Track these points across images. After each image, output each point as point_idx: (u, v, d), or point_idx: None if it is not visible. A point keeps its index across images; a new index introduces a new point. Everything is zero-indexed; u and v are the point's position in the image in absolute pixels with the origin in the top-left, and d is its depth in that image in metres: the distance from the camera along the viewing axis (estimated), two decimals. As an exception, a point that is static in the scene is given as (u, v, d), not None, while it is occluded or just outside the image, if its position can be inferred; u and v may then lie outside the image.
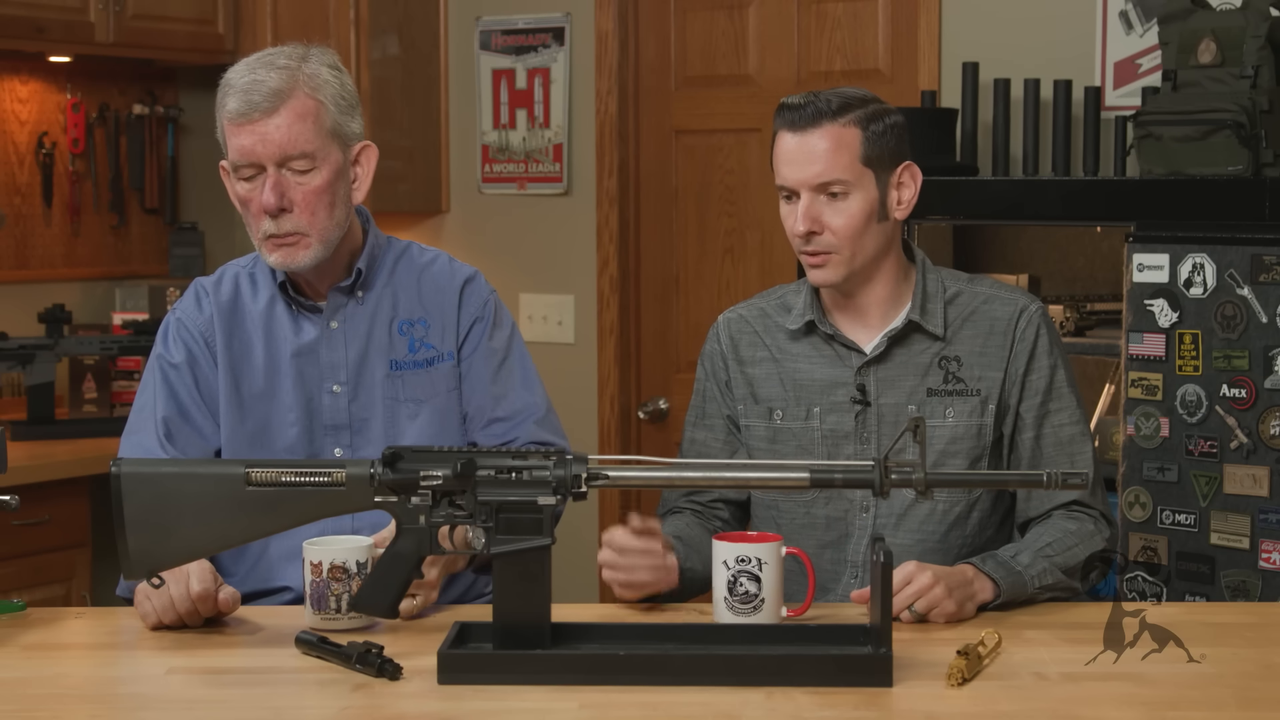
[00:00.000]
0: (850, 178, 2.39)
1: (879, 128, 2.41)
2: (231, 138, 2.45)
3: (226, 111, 2.45)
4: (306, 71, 2.46)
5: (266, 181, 2.43)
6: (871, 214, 2.41)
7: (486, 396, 2.59)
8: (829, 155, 2.38)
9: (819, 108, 2.39)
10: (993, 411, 2.45)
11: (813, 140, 2.38)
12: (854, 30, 4.14)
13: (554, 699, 1.91)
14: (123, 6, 4.27)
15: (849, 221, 2.40)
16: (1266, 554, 2.97)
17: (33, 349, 4.12)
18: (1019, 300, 2.50)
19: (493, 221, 4.66)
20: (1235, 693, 1.93)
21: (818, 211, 2.40)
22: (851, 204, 2.39)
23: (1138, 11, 3.66)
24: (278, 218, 2.43)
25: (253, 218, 2.47)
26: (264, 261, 2.57)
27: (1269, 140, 3.14)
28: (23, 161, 4.55)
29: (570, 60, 4.51)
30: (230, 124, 2.45)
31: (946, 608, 2.20)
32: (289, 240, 2.45)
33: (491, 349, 2.60)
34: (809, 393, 2.50)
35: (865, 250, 2.42)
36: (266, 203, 2.42)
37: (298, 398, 2.52)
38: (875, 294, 2.48)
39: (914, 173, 2.46)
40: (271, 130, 2.42)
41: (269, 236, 2.45)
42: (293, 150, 2.42)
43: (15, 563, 3.86)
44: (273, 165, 2.43)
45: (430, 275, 2.61)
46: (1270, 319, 2.96)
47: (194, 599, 2.20)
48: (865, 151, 2.39)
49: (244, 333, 2.55)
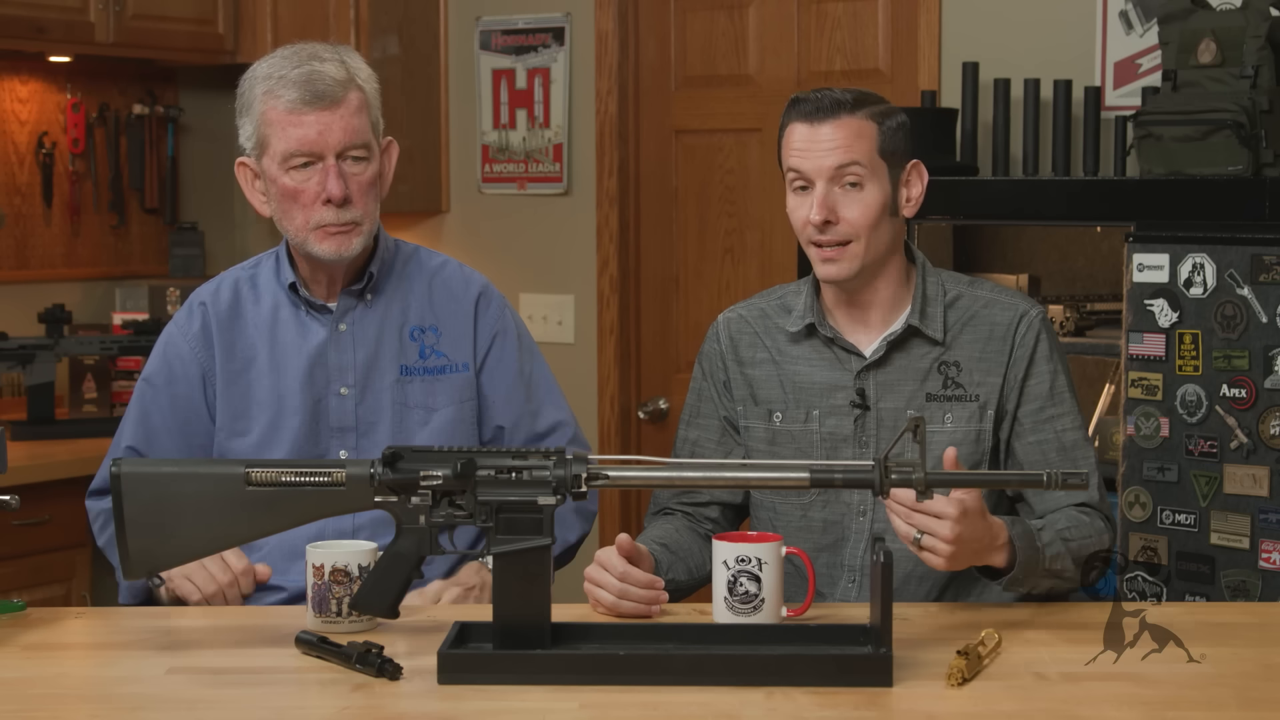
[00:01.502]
0: (868, 166, 2.39)
1: (892, 124, 2.42)
2: (289, 128, 2.44)
3: (284, 103, 2.43)
4: (353, 65, 2.50)
5: (329, 171, 2.44)
6: (885, 207, 2.41)
7: (524, 413, 2.62)
8: (848, 143, 2.38)
9: (837, 99, 2.40)
10: (991, 417, 2.45)
11: (831, 130, 2.39)
12: (854, 30, 4.13)
13: (554, 699, 1.91)
14: (123, 6, 4.27)
15: (865, 211, 2.39)
16: (1266, 554, 2.97)
17: (33, 349, 4.12)
18: (1019, 305, 2.49)
19: (493, 221, 4.66)
20: (1235, 693, 1.93)
21: (834, 201, 2.39)
22: (868, 194, 2.40)
23: (1138, 11, 3.66)
24: (341, 207, 2.45)
25: (301, 208, 2.46)
26: (267, 262, 2.58)
27: (1269, 140, 3.14)
28: (23, 161, 4.55)
29: (570, 60, 4.51)
30: (288, 114, 2.43)
31: (935, 562, 2.16)
32: (345, 229, 2.46)
33: (518, 365, 2.62)
34: (808, 395, 2.50)
35: (878, 244, 2.42)
36: (334, 193, 2.44)
37: (304, 400, 2.53)
38: (879, 295, 2.48)
39: (921, 171, 2.47)
40: (337, 120, 2.44)
41: (322, 226, 2.46)
42: (356, 140, 2.45)
43: (15, 563, 3.86)
44: (333, 155, 2.44)
45: (442, 282, 2.61)
46: (1270, 319, 2.96)
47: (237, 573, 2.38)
48: (881, 144, 2.40)
49: (247, 339, 2.56)
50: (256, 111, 2.47)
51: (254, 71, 2.49)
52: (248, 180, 2.53)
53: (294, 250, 2.55)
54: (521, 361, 2.63)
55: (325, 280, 2.55)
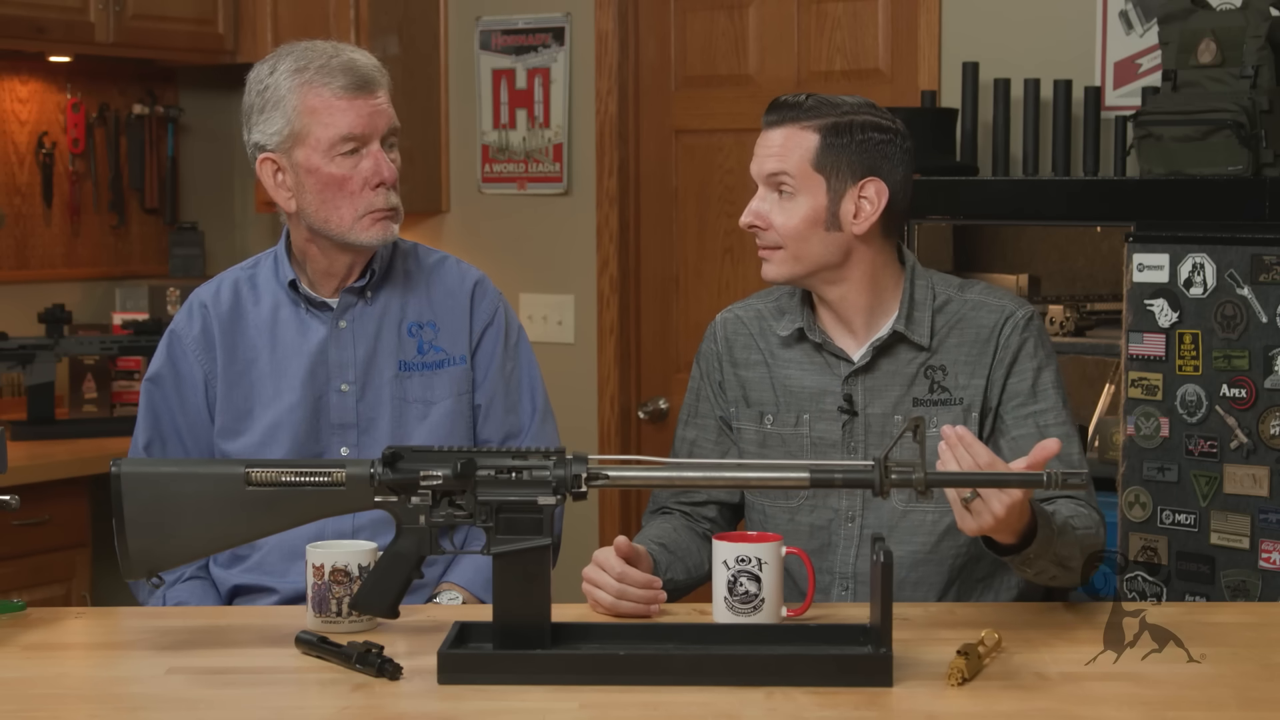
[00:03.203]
0: (797, 177, 2.40)
1: (844, 139, 2.39)
2: (337, 114, 2.46)
3: (332, 90, 2.46)
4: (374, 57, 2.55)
5: (378, 156, 2.48)
6: (817, 220, 2.40)
7: (499, 407, 2.62)
8: (783, 152, 2.40)
9: (791, 105, 2.42)
10: (975, 420, 2.44)
11: (773, 136, 2.42)
12: (854, 30, 4.14)
13: (554, 699, 1.91)
14: (123, 6, 4.27)
15: (788, 221, 2.41)
16: (1266, 554, 2.97)
17: (33, 349, 4.12)
18: (1006, 307, 2.48)
19: (493, 221, 4.66)
20: (1235, 693, 1.93)
21: (767, 208, 2.43)
22: (797, 205, 2.41)
23: (1138, 11, 3.66)
24: (390, 190, 2.50)
25: (348, 196, 2.48)
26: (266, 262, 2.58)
27: (1269, 140, 3.14)
28: (23, 161, 4.55)
29: (570, 60, 4.51)
30: (336, 99, 2.46)
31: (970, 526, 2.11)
32: (390, 214, 2.51)
33: (501, 358, 2.62)
34: (798, 399, 2.50)
35: (810, 255, 2.42)
36: (388, 175, 2.48)
37: (305, 397, 2.53)
38: (852, 303, 2.46)
39: (879, 189, 2.41)
40: (383, 105, 2.50)
41: (373, 210, 2.49)
42: (396, 125, 2.52)
43: (15, 563, 3.86)
44: (378, 140, 2.49)
45: (440, 278, 2.62)
46: (1270, 319, 2.96)
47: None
48: (819, 157, 2.39)
49: (248, 340, 2.56)
50: (291, 104, 2.47)
51: (274, 67, 2.49)
52: (271, 176, 2.52)
53: (303, 247, 2.54)
54: (504, 358, 2.63)
55: (333, 277, 2.55)
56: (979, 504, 2.09)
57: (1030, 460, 2.10)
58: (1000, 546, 2.21)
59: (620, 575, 2.26)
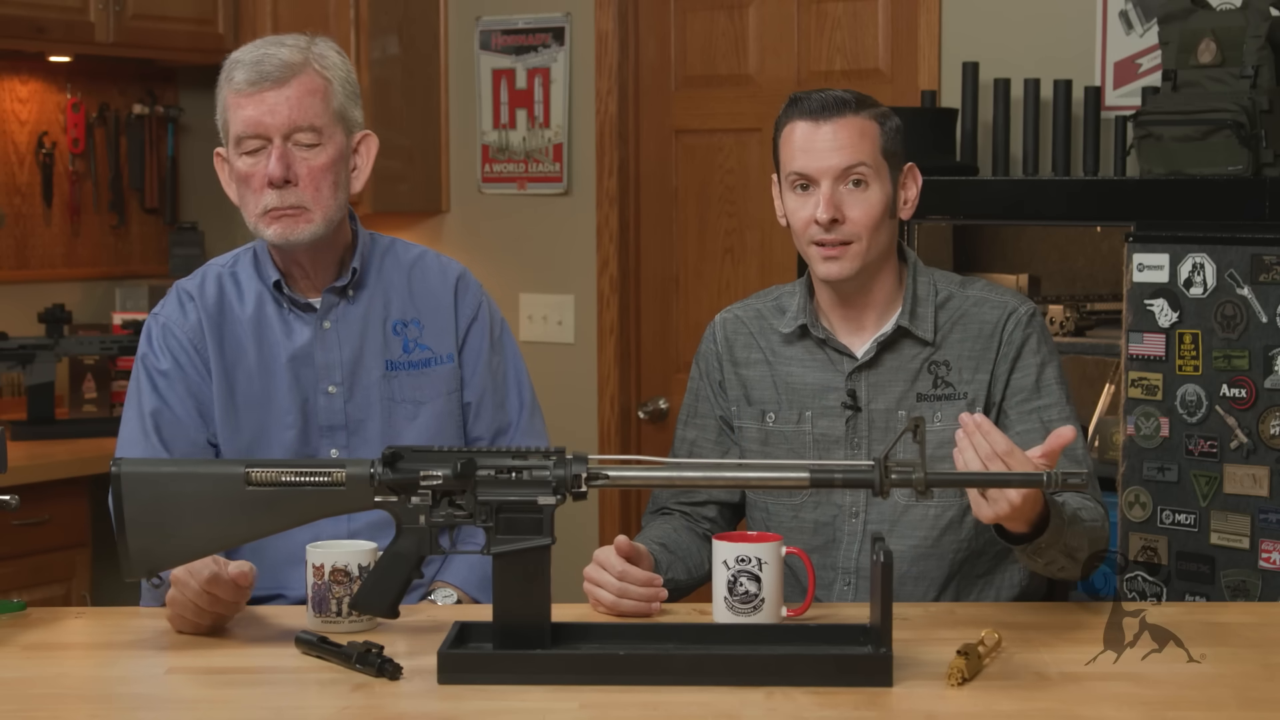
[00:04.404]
0: (873, 166, 2.40)
1: (891, 125, 2.44)
2: (238, 110, 2.44)
3: (234, 84, 2.45)
4: (316, 51, 2.48)
5: (272, 153, 2.42)
6: (887, 206, 2.42)
7: (489, 404, 2.61)
8: (854, 142, 2.39)
9: (840, 98, 2.41)
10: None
11: (835, 129, 2.39)
12: (854, 30, 4.13)
13: (554, 699, 1.91)
14: (123, 6, 4.27)
15: (869, 211, 2.40)
16: (1266, 554, 2.97)
17: (33, 349, 4.12)
18: (1008, 303, 2.49)
19: (493, 221, 4.66)
20: (1235, 693, 1.93)
21: (839, 200, 2.40)
22: (872, 194, 2.40)
23: (1138, 11, 3.66)
24: (281, 189, 2.43)
25: (253, 193, 2.45)
26: (245, 258, 2.56)
27: (1269, 140, 3.13)
28: (23, 161, 4.55)
29: (570, 60, 4.51)
30: (237, 96, 2.44)
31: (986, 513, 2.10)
32: (290, 213, 2.44)
33: (487, 354, 2.61)
34: (801, 396, 2.50)
35: (879, 244, 2.43)
36: (273, 173, 2.41)
37: (293, 400, 2.51)
38: (874, 296, 2.48)
39: (915, 174, 2.49)
40: (281, 101, 2.43)
41: (269, 210, 2.44)
42: (301, 122, 2.43)
43: (15, 563, 3.86)
44: (279, 138, 2.43)
45: (420, 274, 2.60)
46: (1270, 319, 2.96)
47: (202, 586, 2.12)
48: (883, 145, 2.42)
49: (235, 337, 2.52)
50: (219, 101, 2.49)
51: (229, 58, 2.51)
52: (222, 170, 2.54)
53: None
54: (490, 354, 2.61)
55: (305, 276, 2.53)
56: (996, 491, 2.09)
57: (1045, 448, 2.11)
58: (1012, 536, 2.21)
59: (621, 574, 2.26)
